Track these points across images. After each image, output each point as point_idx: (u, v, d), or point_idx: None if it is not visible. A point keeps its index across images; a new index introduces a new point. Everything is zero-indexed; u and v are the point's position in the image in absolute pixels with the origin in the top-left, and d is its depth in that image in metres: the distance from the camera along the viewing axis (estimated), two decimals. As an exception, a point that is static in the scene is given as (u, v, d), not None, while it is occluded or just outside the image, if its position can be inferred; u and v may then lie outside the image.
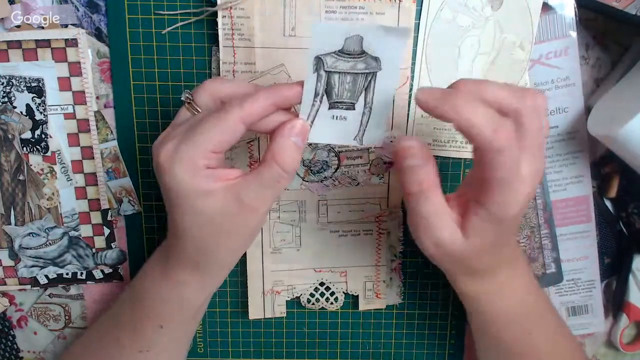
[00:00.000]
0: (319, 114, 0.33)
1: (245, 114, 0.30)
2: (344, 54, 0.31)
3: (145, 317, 0.37)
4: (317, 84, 0.32)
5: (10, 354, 0.48)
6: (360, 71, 0.32)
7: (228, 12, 0.39)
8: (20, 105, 0.41)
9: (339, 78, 0.32)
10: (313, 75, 0.31)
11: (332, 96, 0.33)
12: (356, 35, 0.30)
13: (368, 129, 0.34)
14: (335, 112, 0.33)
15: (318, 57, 0.31)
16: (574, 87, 0.44)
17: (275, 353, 0.49)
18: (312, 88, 0.32)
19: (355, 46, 0.31)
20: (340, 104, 0.33)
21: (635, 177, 0.45)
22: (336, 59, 0.31)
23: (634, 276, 0.48)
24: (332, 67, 0.31)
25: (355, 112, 0.33)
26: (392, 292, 0.47)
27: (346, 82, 0.32)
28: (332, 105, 0.33)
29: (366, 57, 0.31)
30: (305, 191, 0.44)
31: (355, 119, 0.33)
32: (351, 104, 0.33)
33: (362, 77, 0.32)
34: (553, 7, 0.42)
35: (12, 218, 0.43)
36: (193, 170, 0.30)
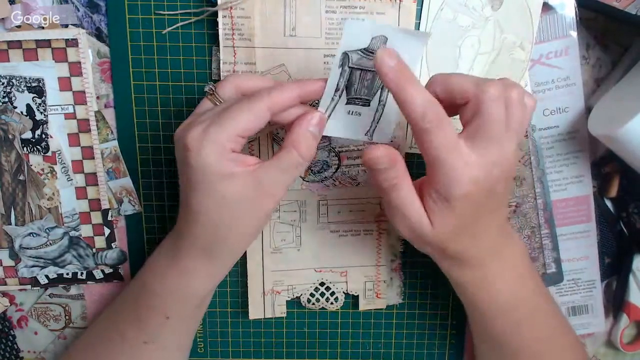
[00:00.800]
0: (337, 108, 0.35)
1: (273, 103, 0.32)
2: (368, 52, 0.33)
3: (151, 308, 0.37)
4: (339, 79, 0.34)
5: (10, 354, 0.48)
6: None
7: (228, 12, 0.39)
8: (20, 105, 0.41)
9: (360, 75, 0.34)
10: (338, 70, 0.33)
11: (351, 92, 0.34)
12: (382, 35, 0.32)
13: (379, 126, 0.36)
14: (352, 107, 0.35)
15: (345, 53, 0.32)
16: (574, 87, 0.44)
17: (275, 353, 0.49)
18: (335, 82, 0.34)
19: (380, 46, 0.32)
20: (357, 100, 0.35)
21: (635, 177, 0.45)
22: (361, 56, 0.33)
23: (634, 276, 0.48)
24: (357, 64, 0.33)
25: (370, 108, 0.35)
26: (392, 292, 0.47)
27: (366, 80, 0.34)
28: (349, 100, 0.35)
29: None
30: (305, 191, 0.44)
31: (369, 115, 0.36)
32: (367, 101, 0.35)
33: None
34: (553, 7, 0.42)
35: (13, 218, 0.43)
36: (220, 152, 0.32)
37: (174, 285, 0.36)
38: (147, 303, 0.37)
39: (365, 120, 0.36)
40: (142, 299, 0.38)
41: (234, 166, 0.32)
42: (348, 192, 0.44)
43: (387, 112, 0.35)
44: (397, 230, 0.36)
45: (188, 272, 0.36)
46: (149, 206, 0.45)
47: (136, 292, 0.39)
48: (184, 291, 0.37)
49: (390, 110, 0.35)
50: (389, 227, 0.45)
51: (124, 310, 0.40)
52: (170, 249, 0.37)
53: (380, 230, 0.46)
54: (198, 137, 0.32)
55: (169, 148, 0.43)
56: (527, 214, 0.46)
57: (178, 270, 0.36)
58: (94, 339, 0.41)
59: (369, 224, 0.45)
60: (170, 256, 0.37)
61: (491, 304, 0.38)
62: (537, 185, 0.46)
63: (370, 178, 0.35)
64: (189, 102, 0.42)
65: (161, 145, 0.43)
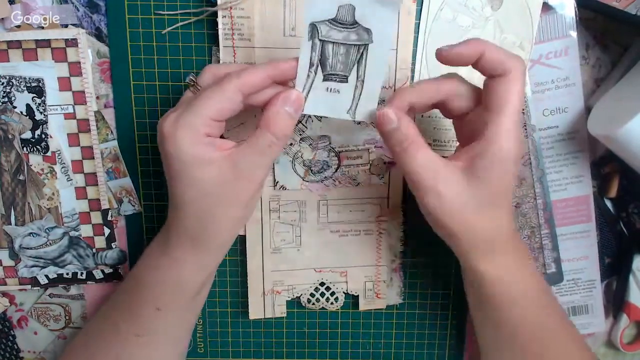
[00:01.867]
0: (314, 86, 0.34)
1: (242, 83, 0.32)
2: (337, 23, 0.32)
3: (143, 300, 0.37)
4: (312, 53, 0.33)
5: (10, 354, 0.48)
6: (353, 42, 0.33)
7: (228, 12, 0.39)
8: (20, 105, 0.41)
9: (333, 49, 0.33)
10: (308, 44, 0.32)
11: (327, 67, 0.34)
12: (348, 5, 0.31)
13: (360, 103, 0.35)
14: (329, 84, 0.34)
15: (313, 24, 0.32)
16: (574, 87, 0.44)
17: (275, 353, 0.49)
18: (307, 57, 0.33)
19: (348, 16, 0.32)
20: (333, 75, 0.34)
21: (635, 177, 0.45)
22: (330, 27, 0.32)
23: (634, 276, 0.48)
24: (326, 37, 0.32)
25: (348, 85, 0.34)
26: (392, 292, 0.47)
27: (339, 54, 0.33)
28: (326, 77, 0.34)
29: (358, 28, 0.32)
30: (305, 191, 0.44)
31: (348, 92, 0.35)
32: (344, 77, 0.34)
33: (355, 49, 0.33)
34: (553, 7, 0.42)
35: (13, 218, 0.43)
36: (194, 136, 0.32)
37: (164, 276, 0.36)
38: (139, 295, 0.37)
39: (345, 97, 0.35)
40: (133, 292, 0.38)
41: (209, 151, 0.32)
42: (348, 192, 0.44)
43: (368, 89, 0.34)
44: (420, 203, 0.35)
45: (177, 262, 0.36)
46: (149, 206, 0.45)
47: (129, 285, 0.39)
48: (174, 282, 0.36)
49: (370, 86, 0.34)
50: (389, 227, 0.45)
51: (118, 304, 0.40)
52: (161, 241, 0.37)
53: (380, 230, 0.46)
54: (172, 124, 0.32)
55: (168, 148, 0.43)
56: (527, 214, 0.46)
57: (168, 261, 0.36)
58: (90, 335, 0.41)
59: (369, 224, 0.45)
60: (161, 248, 0.37)
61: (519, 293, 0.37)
62: (536, 186, 0.46)
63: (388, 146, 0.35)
64: (188, 102, 0.42)
65: (161, 145, 0.43)
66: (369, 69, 0.34)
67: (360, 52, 0.33)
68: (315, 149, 0.43)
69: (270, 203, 0.44)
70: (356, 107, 0.35)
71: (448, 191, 0.33)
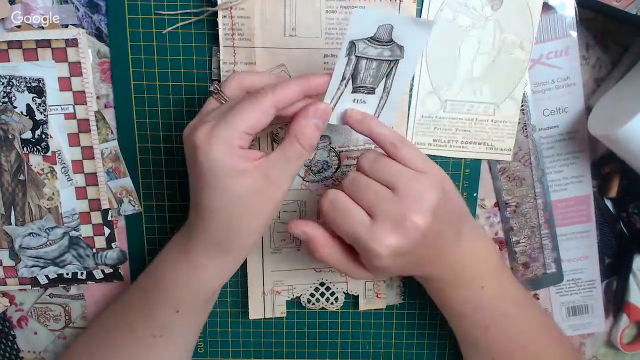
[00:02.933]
0: (342, 97, 0.35)
1: (277, 99, 0.33)
2: (374, 41, 0.33)
3: (162, 301, 0.38)
4: (346, 68, 0.34)
5: (10, 354, 0.48)
6: (386, 58, 0.34)
7: (228, 12, 0.39)
8: (20, 105, 0.41)
9: (366, 64, 0.34)
10: (344, 59, 0.33)
11: (357, 81, 0.35)
12: (388, 24, 0.32)
13: (383, 112, 0.37)
14: (357, 95, 0.36)
15: (352, 41, 0.33)
16: (574, 87, 0.44)
17: (275, 353, 0.49)
18: (341, 71, 0.34)
19: (386, 35, 0.33)
20: (362, 88, 0.35)
21: (635, 177, 0.45)
22: (367, 45, 0.33)
23: (635, 276, 0.48)
24: (363, 53, 0.33)
25: (375, 96, 0.36)
26: (392, 292, 0.47)
27: (371, 68, 0.34)
28: (355, 89, 0.35)
29: (393, 45, 0.33)
30: (305, 191, 0.44)
31: (374, 103, 0.36)
32: (372, 89, 0.36)
33: (386, 64, 0.34)
34: (553, 7, 0.42)
35: (13, 218, 0.43)
36: (229, 149, 0.32)
37: (186, 279, 0.37)
38: (158, 296, 0.38)
39: (370, 106, 0.36)
40: (152, 293, 0.38)
41: (242, 162, 0.33)
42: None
43: (391, 100, 0.36)
44: None
45: (200, 266, 0.36)
46: (149, 206, 0.45)
47: (146, 286, 0.39)
48: (195, 285, 0.37)
49: (394, 97, 0.36)
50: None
51: (134, 304, 0.40)
52: (183, 243, 0.37)
53: (380, 230, 0.45)
54: (206, 135, 0.32)
55: (169, 148, 0.43)
56: (527, 214, 0.46)
57: (190, 265, 0.36)
58: (100, 334, 0.41)
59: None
60: (183, 251, 0.37)
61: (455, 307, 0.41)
62: (537, 185, 0.46)
63: None
64: (189, 102, 0.42)
65: (161, 145, 0.43)
66: (395, 81, 0.35)
67: (390, 66, 0.34)
68: (316, 149, 0.43)
69: (270, 203, 0.44)
70: (378, 115, 0.37)
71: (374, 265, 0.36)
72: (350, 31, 0.32)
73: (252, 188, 0.33)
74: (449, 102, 0.43)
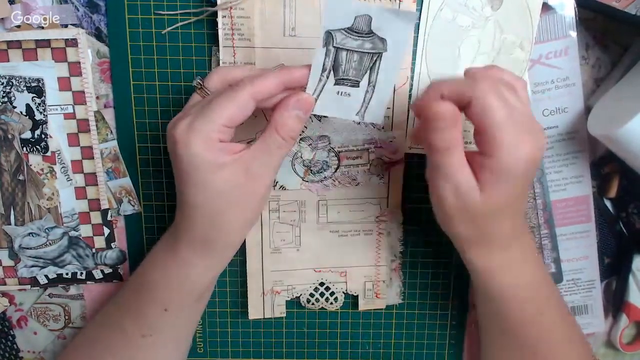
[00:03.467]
0: (325, 89, 0.34)
1: (255, 91, 0.32)
2: (353, 32, 0.32)
3: (150, 300, 0.37)
4: (325, 59, 0.33)
5: (10, 354, 0.48)
6: (367, 51, 0.33)
7: (228, 12, 0.39)
8: (20, 105, 0.41)
9: (347, 56, 0.33)
10: (322, 50, 0.33)
11: (339, 72, 0.34)
12: (365, 15, 0.32)
13: (370, 107, 0.36)
14: (340, 88, 0.35)
15: (328, 31, 0.32)
16: (574, 87, 0.44)
17: (275, 353, 0.49)
18: (321, 62, 0.33)
19: (364, 26, 0.32)
20: (345, 80, 0.34)
21: (635, 177, 0.45)
22: (345, 36, 0.32)
23: (634, 276, 0.48)
24: (341, 44, 0.33)
25: (359, 89, 0.35)
26: (392, 292, 0.47)
27: (353, 60, 0.34)
28: (337, 81, 0.34)
29: (374, 37, 0.32)
30: (305, 191, 0.44)
31: (359, 96, 0.35)
32: (356, 82, 0.35)
33: (368, 57, 0.33)
34: (553, 7, 0.42)
35: (12, 218, 0.43)
36: (207, 143, 0.32)
37: (173, 277, 0.37)
38: (147, 296, 0.38)
39: (355, 100, 0.35)
40: (141, 292, 0.38)
41: (222, 155, 0.33)
42: (348, 192, 0.44)
43: (378, 94, 0.35)
44: (435, 193, 0.35)
45: (186, 264, 0.36)
46: (149, 206, 0.45)
47: (135, 286, 0.39)
48: (183, 283, 0.37)
49: (381, 91, 0.35)
50: (388, 227, 0.45)
51: (123, 304, 0.40)
52: (170, 242, 0.37)
53: (380, 230, 0.45)
54: (185, 130, 0.32)
55: (168, 148, 0.43)
56: (527, 214, 0.46)
57: (177, 263, 0.36)
58: (94, 334, 0.41)
59: (369, 224, 0.45)
60: (170, 249, 0.37)
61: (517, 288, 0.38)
62: (536, 186, 0.46)
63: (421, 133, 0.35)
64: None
65: (161, 145, 0.43)
66: (381, 76, 0.34)
67: (373, 60, 0.34)
68: (315, 149, 0.43)
69: (270, 203, 0.44)
70: (365, 110, 0.36)
71: (465, 195, 0.33)
72: (325, 20, 0.32)
73: (233, 181, 0.33)
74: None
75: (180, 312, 0.38)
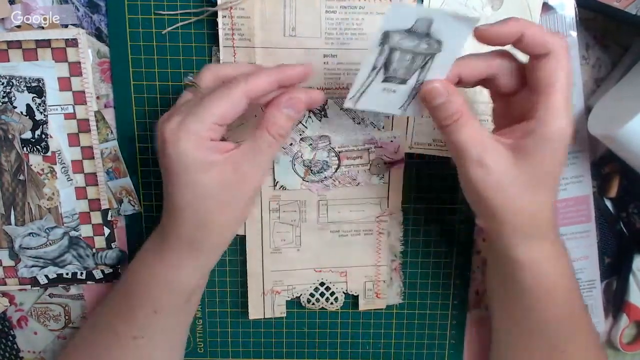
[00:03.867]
0: (372, 85, 0.34)
1: (249, 89, 0.32)
2: (411, 33, 0.32)
3: (139, 302, 0.37)
4: (378, 58, 0.33)
5: (10, 354, 0.48)
6: (422, 51, 0.33)
7: (228, 12, 0.39)
8: (20, 105, 0.41)
9: (400, 55, 0.33)
10: (377, 49, 0.32)
11: (389, 71, 0.33)
12: (427, 18, 0.31)
13: (414, 101, 0.35)
14: (388, 85, 0.34)
15: (386, 32, 0.31)
16: (574, 87, 0.44)
17: (275, 353, 0.49)
18: (373, 61, 0.33)
19: (424, 28, 0.31)
20: (394, 78, 0.34)
21: (635, 177, 0.45)
22: (402, 37, 0.32)
23: (635, 276, 0.48)
24: (397, 45, 0.32)
25: (406, 86, 0.34)
26: (392, 292, 0.47)
27: (405, 60, 0.33)
28: (385, 79, 0.34)
29: (430, 39, 0.32)
30: (305, 191, 0.44)
31: (404, 93, 0.35)
32: (404, 80, 0.34)
33: (421, 57, 0.33)
34: (553, 7, 0.42)
35: (13, 218, 0.43)
36: (198, 141, 0.32)
37: (161, 278, 0.36)
38: (136, 297, 0.37)
39: (400, 97, 0.35)
40: (130, 294, 0.38)
41: (211, 154, 0.32)
42: (348, 192, 0.44)
43: None
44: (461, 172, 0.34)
45: (174, 265, 0.36)
46: (149, 206, 0.45)
47: (125, 287, 0.39)
48: (171, 284, 0.36)
49: None
50: (388, 227, 0.45)
51: (114, 306, 0.40)
52: (157, 243, 0.37)
53: (380, 230, 0.45)
54: (175, 129, 0.32)
55: (168, 148, 0.43)
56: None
57: (165, 264, 0.36)
58: (88, 336, 0.41)
59: (369, 224, 0.45)
60: (157, 250, 0.36)
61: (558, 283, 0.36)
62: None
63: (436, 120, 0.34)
64: (188, 102, 0.42)
65: (161, 145, 0.43)
66: (430, 74, 0.34)
67: (426, 59, 0.33)
68: (315, 149, 0.43)
69: (270, 203, 0.44)
70: (409, 104, 0.36)
71: (495, 165, 0.32)
72: (385, 22, 0.31)
73: (222, 181, 0.33)
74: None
75: (170, 314, 0.38)
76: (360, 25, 0.40)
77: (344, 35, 0.40)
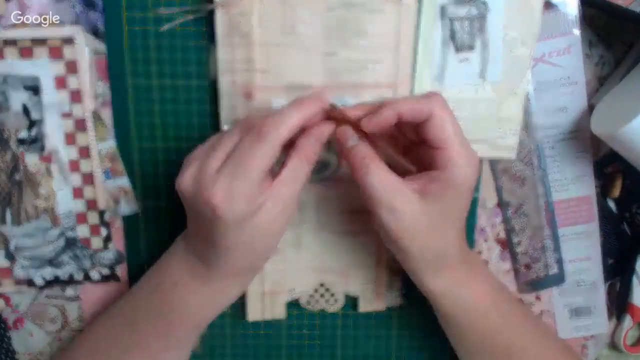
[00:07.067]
0: (448, 60, 0.40)
1: (282, 137, 0.33)
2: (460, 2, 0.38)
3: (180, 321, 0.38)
4: (443, 31, 0.39)
5: (6, 355, 0.47)
6: (475, 16, 0.39)
7: (227, 10, 0.39)
8: (16, 104, 0.41)
9: (460, 24, 0.39)
10: (438, 24, 0.39)
11: (456, 41, 0.39)
12: None
13: (488, 66, 0.40)
14: (460, 55, 0.40)
15: (442, 5, 0.38)
16: (576, 86, 0.44)
17: (275, 355, 0.49)
18: (439, 35, 0.39)
19: None
20: (463, 46, 0.40)
21: (639, 177, 0.45)
22: (455, 7, 0.38)
23: (638, 277, 0.48)
24: (453, 14, 0.39)
25: (475, 52, 0.40)
26: (392, 293, 0.47)
27: (465, 27, 0.39)
28: (457, 49, 0.40)
29: (477, 2, 0.39)
30: (305, 191, 0.44)
31: (476, 59, 0.40)
32: (471, 47, 0.40)
33: (477, 21, 0.39)
34: (556, 5, 0.42)
35: (8, 218, 0.43)
36: (250, 199, 0.33)
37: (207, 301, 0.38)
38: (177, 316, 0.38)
39: (475, 64, 0.40)
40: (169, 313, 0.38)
41: (259, 197, 0.33)
42: (348, 192, 0.44)
43: (492, 53, 0.40)
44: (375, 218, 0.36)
45: (224, 291, 0.38)
46: (147, 206, 0.44)
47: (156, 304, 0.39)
48: (219, 305, 0.39)
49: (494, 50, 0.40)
50: (389, 228, 0.45)
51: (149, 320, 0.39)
52: (197, 268, 0.37)
53: (381, 230, 0.45)
54: (227, 195, 0.32)
55: (166, 148, 0.43)
56: (529, 215, 0.46)
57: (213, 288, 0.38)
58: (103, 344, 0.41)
59: (369, 224, 0.45)
60: (201, 277, 0.37)
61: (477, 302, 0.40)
62: (538, 186, 0.45)
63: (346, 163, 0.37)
64: (186, 101, 0.42)
65: (159, 145, 0.43)
66: (491, 36, 0.39)
67: (481, 23, 0.39)
68: (315, 148, 0.43)
69: (269, 203, 0.44)
70: (485, 70, 0.40)
71: (403, 208, 0.34)
72: None
73: (271, 217, 0.34)
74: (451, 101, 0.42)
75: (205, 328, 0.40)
76: (360, 23, 0.40)
77: (344, 33, 0.40)
